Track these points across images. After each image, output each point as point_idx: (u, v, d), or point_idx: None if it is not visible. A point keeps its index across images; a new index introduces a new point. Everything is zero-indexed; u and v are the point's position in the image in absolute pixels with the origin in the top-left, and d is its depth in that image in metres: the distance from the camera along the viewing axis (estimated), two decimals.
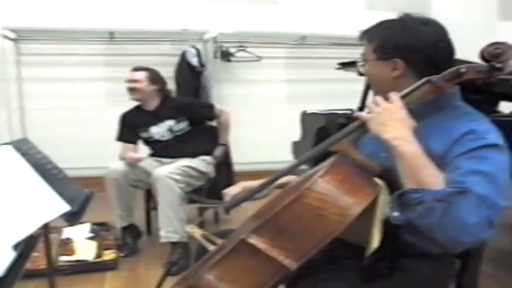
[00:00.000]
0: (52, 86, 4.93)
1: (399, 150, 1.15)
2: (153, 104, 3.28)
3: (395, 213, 1.09)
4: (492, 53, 1.13)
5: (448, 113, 1.25)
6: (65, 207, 1.61)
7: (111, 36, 4.89)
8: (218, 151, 3.41)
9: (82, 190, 2.79)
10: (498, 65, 1.14)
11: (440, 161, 1.15)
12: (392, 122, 1.18)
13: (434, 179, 1.11)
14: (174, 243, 2.88)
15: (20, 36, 4.76)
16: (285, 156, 3.73)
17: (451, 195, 1.05)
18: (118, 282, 2.71)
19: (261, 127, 5.33)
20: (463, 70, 1.17)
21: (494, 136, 1.17)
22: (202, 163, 3.23)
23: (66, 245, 2.94)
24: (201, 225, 3.08)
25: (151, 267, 2.88)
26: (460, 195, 1.04)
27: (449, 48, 1.29)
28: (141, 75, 3.23)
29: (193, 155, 3.19)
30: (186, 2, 5.23)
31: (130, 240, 3.15)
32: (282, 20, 5.40)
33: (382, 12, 4.61)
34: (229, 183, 3.55)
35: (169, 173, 2.89)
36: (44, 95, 4.92)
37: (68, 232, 3.10)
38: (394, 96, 1.21)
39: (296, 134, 3.86)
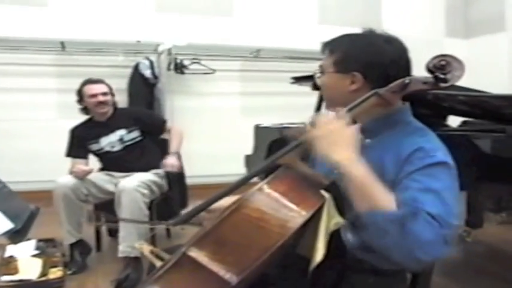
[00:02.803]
0: (0, 96, 4.77)
1: (348, 172, 1.12)
2: (107, 115, 3.23)
3: (349, 236, 1.09)
4: (437, 65, 1.15)
5: (400, 130, 1.26)
6: (8, 225, 1.54)
7: (63, 47, 4.79)
8: (170, 159, 3.21)
9: (27, 206, 2.68)
10: (442, 76, 1.15)
11: (392, 183, 1.16)
12: (340, 143, 1.15)
13: (385, 199, 1.10)
14: (126, 258, 2.80)
15: None
16: (238, 170, 3.71)
17: (404, 217, 1.05)
18: None
19: (214, 140, 5.31)
20: (407, 81, 1.18)
21: (442, 154, 1.18)
22: (157, 176, 3.18)
23: (9, 264, 2.79)
24: (152, 240, 3.03)
25: (101, 285, 2.80)
26: (413, 216, 1.04)
27: (407, 66, 1.30)
28: (106, 87, 3.23)
29: (144, 168, 3.13)
30: (140, 14, 5.19)
31: (79, 256, 3.04)
32: (236, 33, 5.44)
33: (334, 26, 4.74)
34: (183, 197, 3.54)
35: (136, 186, 2.85)
36: None
37: (11, 250, 2.96)
38: (343, 112, 1.20)
39: (249, 147, 3.86)
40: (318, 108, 3.10)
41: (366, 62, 1.27)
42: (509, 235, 3.77)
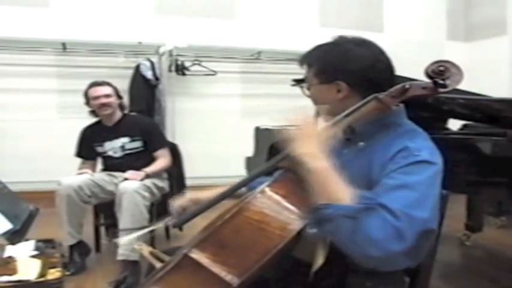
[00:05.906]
0: (1, 96, 4.78)
1: (307, 167, 1.14)
2: (114, 119, 3.25)
3: (313, 230, 1.08)
4: (435, 70, 1.15)
5: (392, 132, 1.26)
6: (6, 226, 1.53)
7: (64, 47, 4.79)
8: (131, 172, 3.08)
9: (26, 206, 2.67)
10: (441, 82, 1.16)
11: (376, 183, 1.14)
12: (302, 139, 1.19)
13: (341, 194, 1.09)
14: (124, 261, 2.80)
15: None
16: (238, 171, 3.72)
17: (357, 212, 1.04)
18: None
19: (215, 141, 5.31)
20: (407, 86, 1.18)
21: (427, 153, 1.16)
22: (159, 178, 3.20)
23: (8, 264, 2.77)
24: (151, 241, 3.02)
25: (99, 286, 2.79)
26: (366, 211, 1.03)
27: (388, 67, 1.30)
28: (110, 89, 3.21)
29: None
30: (141, 15, 5.19)
31: (78, 257, 3.03)
32: (237, 35, 5.44)
33: (336, 29, 4.74)
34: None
35: (137, 188, 2.85)
36: None
37: (10, 250, 2.95)
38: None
39: (250, 148, 3.86)
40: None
41: (344, 70, 1.27)
42: (508, 239, 3.77)
